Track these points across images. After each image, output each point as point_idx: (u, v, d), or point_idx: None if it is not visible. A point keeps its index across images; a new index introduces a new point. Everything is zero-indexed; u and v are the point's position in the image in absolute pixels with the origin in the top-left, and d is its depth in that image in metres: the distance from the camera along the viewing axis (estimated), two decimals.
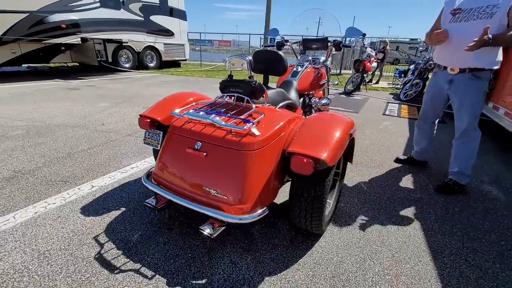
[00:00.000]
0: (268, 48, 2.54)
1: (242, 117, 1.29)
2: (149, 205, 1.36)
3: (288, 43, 2.50)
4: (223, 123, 1.23)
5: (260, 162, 1.24)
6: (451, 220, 1.71)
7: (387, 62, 10.32)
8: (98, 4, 7.32)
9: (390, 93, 6.96)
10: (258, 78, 1.66)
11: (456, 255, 1.42)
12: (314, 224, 1.33)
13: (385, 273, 1.28)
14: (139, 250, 1.35)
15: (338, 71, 12.12)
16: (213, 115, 1.30)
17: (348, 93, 6.57)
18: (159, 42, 9.97)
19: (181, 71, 10.49)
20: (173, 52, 10.80)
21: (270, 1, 11.32)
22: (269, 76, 1.96)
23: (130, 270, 1.23)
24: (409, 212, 1.78)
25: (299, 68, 2.27)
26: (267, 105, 1.55)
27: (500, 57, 1.83)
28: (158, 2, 9.48)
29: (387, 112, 4.74)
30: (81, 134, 2.96)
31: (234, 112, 1.37)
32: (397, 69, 8.67)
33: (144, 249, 1.36)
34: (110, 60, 8.50)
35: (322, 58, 2.53)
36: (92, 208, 1.67)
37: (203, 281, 1.20)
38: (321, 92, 2.67)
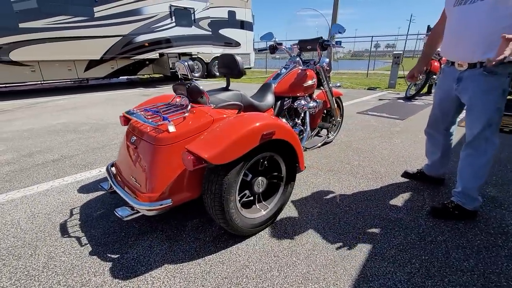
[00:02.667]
0: (261, 51, 2.57)
1: (165, 115, 1.42)
2: (101, 187, 1.65)
3: (282, 46, 2.47)
4: (143, 119, 1.39)
5: (171, 157, 1.34)
6: (419, 249, 1.38)
7: None
8: (173, 24, 8.64)
9: None
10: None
11: (386, 286, 1.16)
12: (221, 221, 1.33)
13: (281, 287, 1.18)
14: (92, 224, 1.64)
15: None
16: (142, 113, 1.48)
17: (409, 98, 5.72)
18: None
19: (243, 78, 11.18)
20: None
21: (337, 4, 10.92)
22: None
23: (75, 236, 1.53)
24: (371, 232, 1.52)
25: (283, 70, 2.22)
26: (210, 105, 1.62)
27: None
28: (227, 17, 10.43)
29: None
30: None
31: (169, 110, 1.52)
32: None
33: (96, 224, 1.64)
34: None
35: (326, 59, 2.40)
36: (87, 188, 2.09)
37: (117, 256, 1.38)
38: (321, 94, 2.51)
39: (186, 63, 1.57)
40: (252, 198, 1.54)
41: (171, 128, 1.35)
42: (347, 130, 3.50)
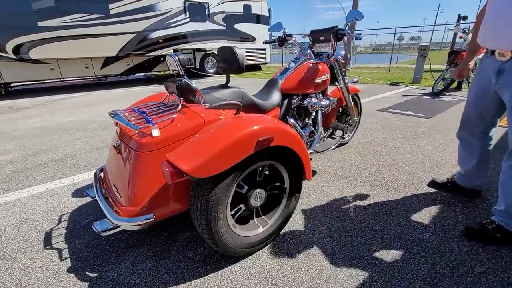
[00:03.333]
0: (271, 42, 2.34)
1: (150, 116, 1.25)
2: (87, 195, 1.52)
3: (292, 38, 2.22)
4: (125, 121, 1.23)
5: (154, 165, 1.17)
6: (451, 283, 1.12)
7: None
8: (188, 20, 8.55)
9: None
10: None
11: None
12: (210, 241, 1.15)
13: None
14: (78, 234, 1.52)
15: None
16: (127, 114, 1.32)
17: (436, 94, 5.24)
18: (241, 48, 10.70)
19: (259, 74, 10.93)
20: (254, 56, 11.37)
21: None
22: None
23: (57, 248, 1.40)
24: (390, 257, 1.28)
25: (292, 65, 1.99)
26: (205, 105, 1.43)
27: None
28: (242, 11, 10.20)
29: None
30: None
31: (158, 111, 1.35)
32: None
33: (82, 233, 1.51)
34: (198, 66, 9.76)
35: (341, 52, 2.13)
36: (82, 191, 1.98)
37: (95, 274, 1.23)
38: (335, 90, 2.25)
39: (176, 57, 1.38)
40: (249, 212, 1.34)
41: (155, 132, 1.18)
42: (366, 129, 3.20)
